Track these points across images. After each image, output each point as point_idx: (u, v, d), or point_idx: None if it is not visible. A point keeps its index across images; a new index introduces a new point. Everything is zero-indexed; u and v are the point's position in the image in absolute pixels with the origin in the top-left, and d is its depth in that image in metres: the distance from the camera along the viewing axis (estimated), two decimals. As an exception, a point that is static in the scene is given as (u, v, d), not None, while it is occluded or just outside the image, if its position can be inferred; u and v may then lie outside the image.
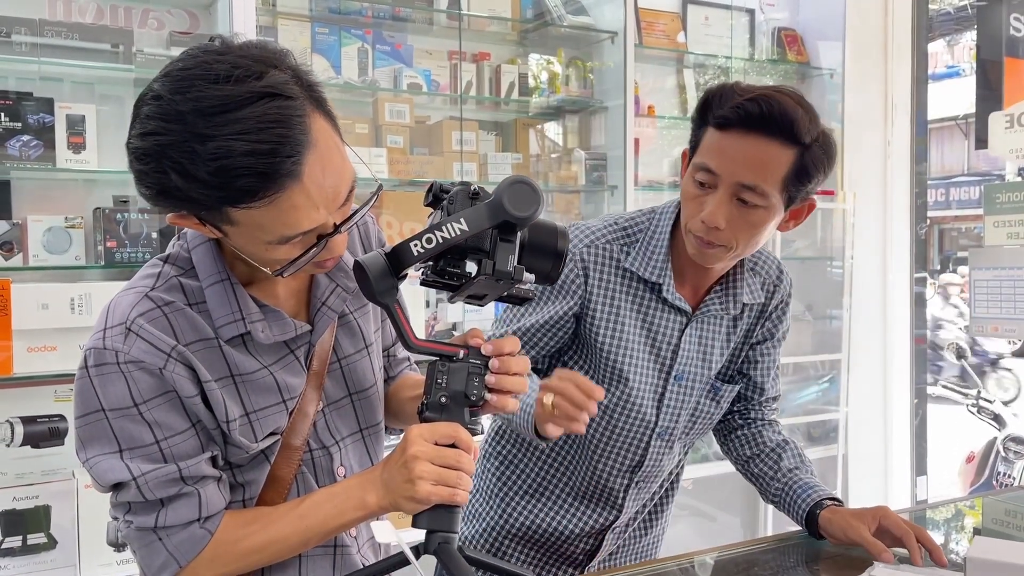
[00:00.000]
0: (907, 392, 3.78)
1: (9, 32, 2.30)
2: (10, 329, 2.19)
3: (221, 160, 0.84)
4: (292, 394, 1.06)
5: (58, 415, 2.33)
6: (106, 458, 0.97)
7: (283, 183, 0.87)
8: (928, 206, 3.97)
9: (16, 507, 2.22)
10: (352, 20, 2.94)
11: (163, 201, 0.92)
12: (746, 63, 3.83)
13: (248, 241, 0.94)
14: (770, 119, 1.25)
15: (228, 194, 0.86)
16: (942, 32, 13.65)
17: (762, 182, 1.27)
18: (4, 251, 2.27)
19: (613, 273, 1.44)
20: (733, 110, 1.26)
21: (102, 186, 2.50)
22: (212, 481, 1.01)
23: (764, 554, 1.47)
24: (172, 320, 0.98)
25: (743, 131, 1.26)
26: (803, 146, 1.27)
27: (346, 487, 1.03)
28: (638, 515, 1.67)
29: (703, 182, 1.31)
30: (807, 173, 1.29)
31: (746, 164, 1.26)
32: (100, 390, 0.96)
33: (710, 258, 1.36)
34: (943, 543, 1.53)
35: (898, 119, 3.73)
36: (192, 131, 0.85)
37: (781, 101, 1.26)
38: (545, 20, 3.25)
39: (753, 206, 1.29)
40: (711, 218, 1.29)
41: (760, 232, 1.32)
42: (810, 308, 3.90)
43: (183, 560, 0.99)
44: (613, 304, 1.43)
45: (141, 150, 0.89)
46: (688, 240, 1.37)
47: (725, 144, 1.28)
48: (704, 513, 3.64)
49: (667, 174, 3.68)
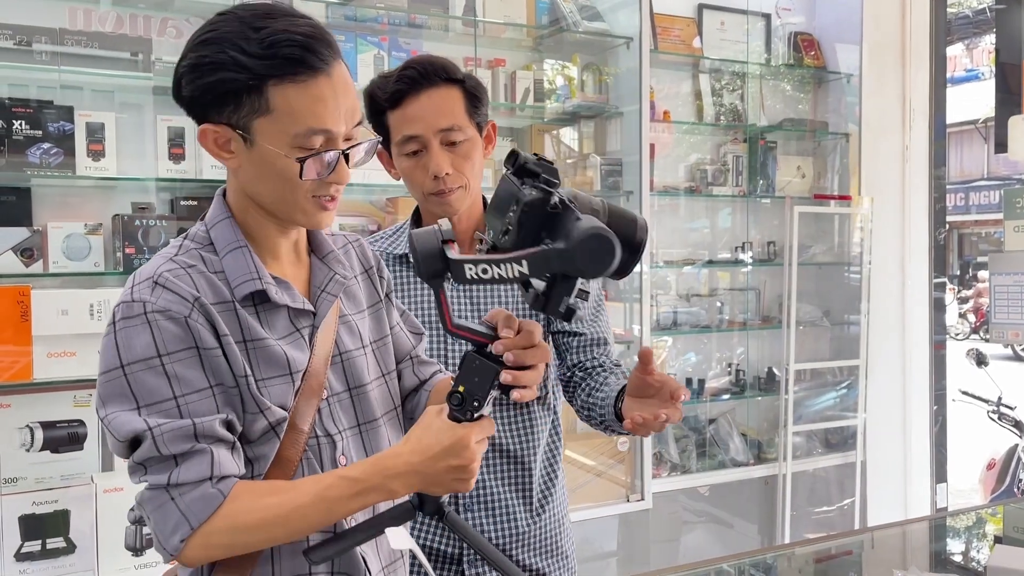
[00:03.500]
0: (926, 398, 3.75)
1: (30, 41, 2.33)
2: (30, 335, 2.21)
3: (271, 37, 1.02)
4: (297, 368, 1.10)
5: (77, 420, 2.35)
6: (124, 413, 1.02)
7: (318, 68, 1.03)
8: (947, 211, 3.94)
9: (36, 511, 2.24)
10: (368, 27, 2.95)
11: (208, 95, 1.03)
12: (762, 68, 3.81)
13: (276, 141, 1.03)
14: (428, 73, 1.47)
15: (274, 64, 1.01)
16: (961, 35, 13.57)
17: (455, 119, 1.48)
18: (25, 257, 2.29)
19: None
20: (397, 83, 1.47)
21: (121, 193, 2.53)
22: (225, 445, 1.04)
23: (780, 561, 1.46)
24: (194, 278, 1.06)
25: (415, 94, 1.47)
26: (460, 81, 1.50)
27: (367, 474, 1.03)
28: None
29: (414, 150, 1.49)
30: (478, 99, 1.52)
31: (436, 114, 1.47)
32: (124, 344, 1.02)
33: (454, 203, 1.52)
34: (964, 551, 1.51)
35: (916, 123, 3.71)
36: (247, 24, 1.03)
37: (425, 59, 1.50)
38: (560, 26, 3.25)
39: (460, 143, 1.49)
40: (437, 168, 1.47)
41: (476, 162, 1.53)
42: (827, 314, 3.87)
43: (195, 521, 1.00)
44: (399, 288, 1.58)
45: (200, 40, 1.04)
46: (431, 205, 1.53)
47: (409, 112, 1.48)
48: (721, 520, 3.62)
49: (683, 179, 3.67)
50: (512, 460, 1.58)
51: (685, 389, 1.28)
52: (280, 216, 1.11)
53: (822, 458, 3.74)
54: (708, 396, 3.62)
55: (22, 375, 2.22)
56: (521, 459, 1.58)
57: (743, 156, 3.70)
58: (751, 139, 3.72)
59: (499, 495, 1.56)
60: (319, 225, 1.13)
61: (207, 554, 1.03)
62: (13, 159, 2.28)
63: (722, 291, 3.78)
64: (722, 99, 3.71)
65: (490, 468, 1.56)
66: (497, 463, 1.57)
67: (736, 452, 3.59)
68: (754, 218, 3.78)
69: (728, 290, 3.80)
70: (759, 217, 3.80)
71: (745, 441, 3.63)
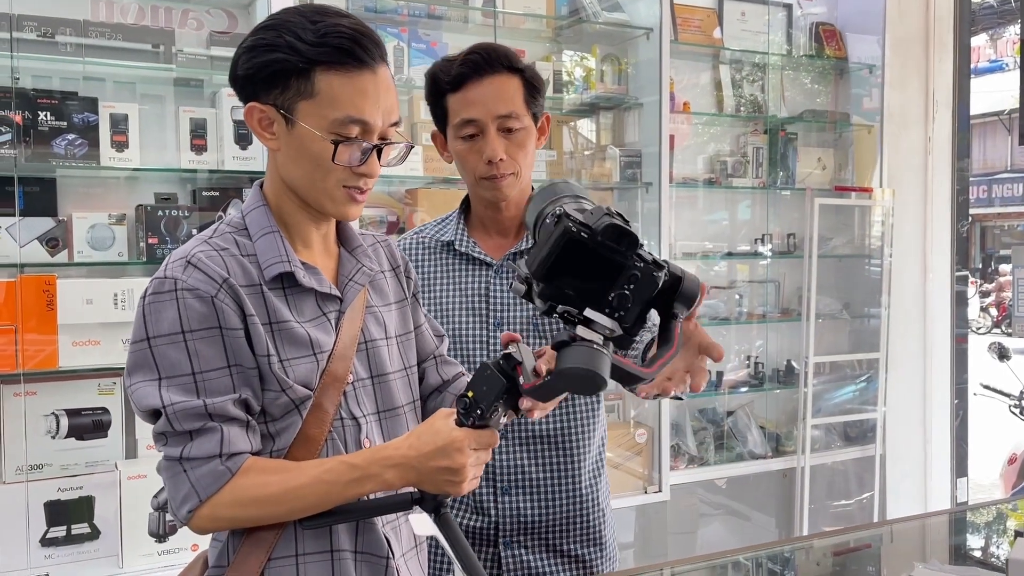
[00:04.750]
0: (947, 392, 3.72)
1: (54, 33, 2.35)
2: (56, 324, 2.24)
3: (325, 28, 1.09)
4: (322, 349, 1.14)
5: (102, 408, 2.38)
6: (146, 384, 1.07)
7: (365, 63, 1.10)
8: (970, 203, 3.90)
9: (61, 498, 2.27)
10: (388, 18, 2.96)
11: (261, 74, 1.10)
12: (783, 59, 3.79)
13: (315, 124, 1.09)
14: (491, 59, 1.50)
15: (324, 51, 1.08)
16: (985, 25, 13.40)
17: (514, 107, 1.51)
18: (50, 247, 2.32)
19: (417, 251, 1.65)
20: (461, 67, 1.49)
21: (144, 183, 2.55)
22: (238, 424, 1.09)
23: (798, 554, 1.46)
24: (226, 260, 1.11)
25: (476, 79, 1.49)
26: (521, 70, 1.52)
27: (367, 461, 1.09)
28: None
29: (471, 133, 1.52)
30: (537, 89, 1.55)
31: (496, 99, 1.50)
32: (153, 318, 1.07)
33: (505, 189, 1.54)
34: (984, 545, 1.51)
35: (939, 114, 3.67)
36: (306, 17, 1.11)
37: (489, 45, 1.54)
38: (580, 17, 3.24)
39: (516, 130, 1.52)
40: (492, 152, 1.50)
41: (529, 151, 1.55)
42: (847, 307, 3.85)
43: (203, 494, 1.06)
44: (421, 275, 1.61)
45: (262, 26, 1.12)
46: (482, 189, 1.56)
47: (470, 96, 1.50)
48: (738, 513, 3.62)
49: (702, 171, 3.66)
50: (562, 448, 1.59)
51: (719, 347, 1.16)
52: (310, 202, 1.16)
53: (841, 451, 3.72)
54: (727, 388, 3.61)
55: (48, 363, 2.25)
56: (571, 448, 1.59)
57: (763, 147, 3.68)
58: (771, 130, 3.69)
59: (543, 481, 1.58)
60: (347, 216, 1.18)
61: (214, 525, 1.09)
62: (39, 150, 2.31)
63: (741, 283, 3.76)
64: (742, 90, 3.69)
65: (537, 454, 1.58)
66: (545, 449, 1.58)
67: (754, 445, 3.58)
68: (774, 210, 3.76)
69: (747, 282, 3.78)
70: (779, 209, 3.78)
71: (763, 434, 3.62)
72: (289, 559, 1.12)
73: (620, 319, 0.96)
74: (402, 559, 1.20)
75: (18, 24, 2.30)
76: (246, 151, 2.50)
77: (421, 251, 1.64)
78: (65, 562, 2.26)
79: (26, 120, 2.29)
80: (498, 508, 1.56)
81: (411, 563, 1.23)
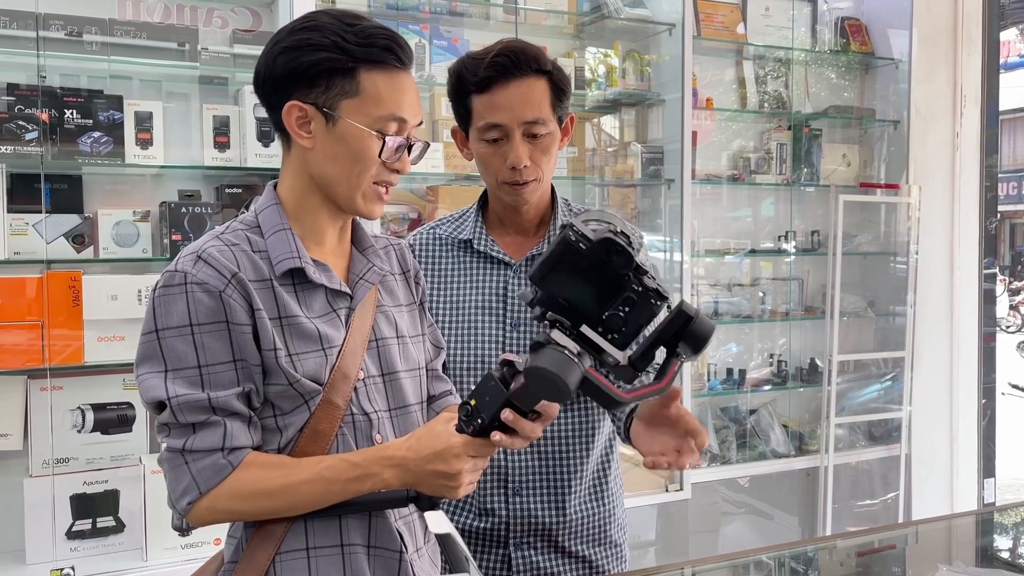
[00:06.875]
0: (974, 391, 3.67)
1: (81, 32, 2.38)
2: (82, 319, 2.27)
3: (367, 31, 1.13)
4: (331, 344, 1.15)
5: (126, 403, 2.40)
6: (152, 376, 1.09)
7: (404, 63, 1.15)
8: (999, 200, 3.84)
9: (87, 491, 2.30)
10: (409, 15, 2.96)
11: (304, 73, 1.12)
12: (807, 54, 3.75)
13: (360, 121, 1.12)
14: (520, 62, 1.45)
15: (370, 51, 1.12)
16: (1015, 20, 13.19)
17: (541, 113, 1.46)
18: (76, 244, 2.35)
19: (433, 247, 1.62)
20: (488, 69, 1.45)
21: (168, 181, 2.58)
22: (240, 419, 1.10)
23: (821, 554, 1.45)
24: (237, 255, 1.12)
25: (504, 82, 1.45)
26: (548, 72, 1.48)
27: (367, 460, 1.10)
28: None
29: (495, 137, 1.48)
30: (563, 91, 1.50)
31: (523, 105, 1.45)
32: (162, 310, 1.09)
33: (527, 195, 1.52)
34: (1012, 547, 1.48)
35: (968, 110, 3.62)
36: (341, 21, 1.14)
37: (518, 46, 1.47)
38: (602, 13, 3.23)
39: (542, 136, 1.48)
40: (517, 160, 1.46)
41: (553, 156, 1.52)
42: (872, 304, 3.81)
43: (204, 486, 1.07)
44: (437, 272, 1.60)
45: (300, 27, 1.14)
46: (503, 193, 1.53)
47: (497, 99, 1.46)
48: (761, 512, 3.59)
49: (725, 167, 3.63)
50: (568, 449, 1.59)
51: (705, 432, 1.24)
52: (340, 199, 1.17)
53: (865, 451, 3.68)
54: (749, 387, 3.58)
55: (74, 358, 2.28)
56: (575, 449, 1.59)
57: (787, 144, 3.65)
58: (795, 126, 3.66)
59: (551, 481, 1.57)
60: (372, 215, 1.19)
61: (213, 517, 1.10)
62: (65, 148, 2.34)
63: (764, 281, 3.73)
64: (766, 86, 3.66)
65: (544, 455, 1.57)
66: (551, 450, 1.58)
67: (777, 443, 3.55)
68: (798, 207, 3.72)
69: (771, 280, 3.75)
70: (803, 206, 3.74)
71: (786, 432, 3.59)
72: (300, 552, 1.13)
73: (613, 341, 0.96)
74: (415, 554, 1.21)
75: (45, 23, 2.33)
76: (268, 148, 2.51)
77: (438, 248, 1.63)
78: (91, 555, 2.29)
79: (53, 118, 2.32)
80: (509, 509, 1.56)
81: (424, 559, 1.23)
